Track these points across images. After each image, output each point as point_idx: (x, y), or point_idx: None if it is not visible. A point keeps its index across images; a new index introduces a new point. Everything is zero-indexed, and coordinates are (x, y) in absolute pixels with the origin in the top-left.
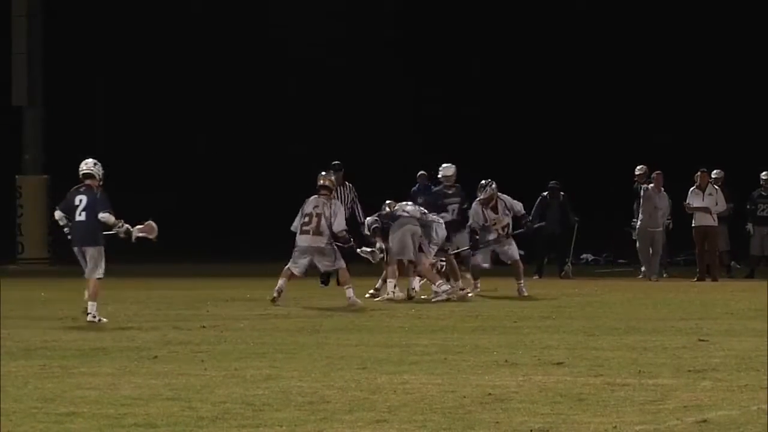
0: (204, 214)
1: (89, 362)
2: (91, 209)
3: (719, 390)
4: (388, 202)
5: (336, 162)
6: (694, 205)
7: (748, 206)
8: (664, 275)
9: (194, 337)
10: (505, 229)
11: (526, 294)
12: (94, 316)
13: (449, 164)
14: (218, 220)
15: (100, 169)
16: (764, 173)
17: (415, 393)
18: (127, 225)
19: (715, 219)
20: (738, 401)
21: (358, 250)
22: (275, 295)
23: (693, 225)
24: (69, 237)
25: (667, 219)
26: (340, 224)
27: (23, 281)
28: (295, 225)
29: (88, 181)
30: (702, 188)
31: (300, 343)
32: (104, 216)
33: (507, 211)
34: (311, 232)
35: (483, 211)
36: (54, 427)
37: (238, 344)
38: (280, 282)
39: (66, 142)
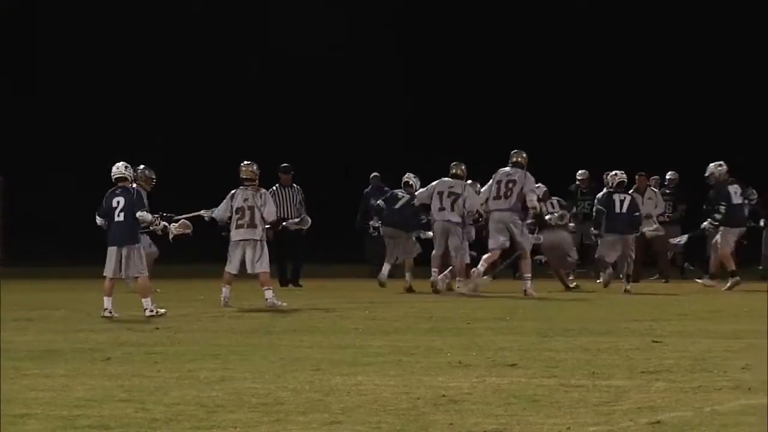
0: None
1: (42, 364)
2: (129, 209)
3: (673, 391)
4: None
5: (285, 164)
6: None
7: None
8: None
9: (147, 338)
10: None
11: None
12: (152, 310)
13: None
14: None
15: (132, 170)
16: None
17: (369, 394)
18: (164, 222)
19: (656, 221)
20: (691, 402)
21: (285, 223)
22: (222, 305)
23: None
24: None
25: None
26: (270, 213)
27: None
28: (219, 215)
29: (121, 184)
30: (641, 192)
31: (253, 345)
32: (141, 214)
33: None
34: (245, 226)
35: None
36: (7, 428)
37: (192, 346)
38: (224, 291)
39: (19, 142)
